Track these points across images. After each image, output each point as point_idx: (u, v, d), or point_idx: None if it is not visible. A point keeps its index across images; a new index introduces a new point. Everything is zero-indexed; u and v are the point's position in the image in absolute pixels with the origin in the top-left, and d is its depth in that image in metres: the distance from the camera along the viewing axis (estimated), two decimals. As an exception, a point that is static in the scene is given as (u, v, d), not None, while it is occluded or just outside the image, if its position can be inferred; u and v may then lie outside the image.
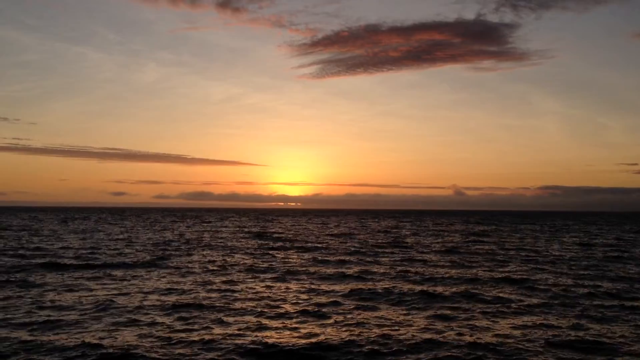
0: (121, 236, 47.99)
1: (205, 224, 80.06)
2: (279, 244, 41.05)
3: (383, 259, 29.71)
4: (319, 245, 39.76)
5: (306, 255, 31.65)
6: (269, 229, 67.48)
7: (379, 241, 44.06)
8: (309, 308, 15.79)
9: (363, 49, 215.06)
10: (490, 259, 30.05)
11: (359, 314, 15.14)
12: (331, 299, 17.26)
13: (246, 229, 64.89)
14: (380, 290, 18.76)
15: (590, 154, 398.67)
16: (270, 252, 33.85)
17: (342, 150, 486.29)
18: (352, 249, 36.52)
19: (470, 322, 14.17)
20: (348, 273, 23.36)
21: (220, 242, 41.60)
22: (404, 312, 15.61)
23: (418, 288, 19.32)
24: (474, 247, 38.21)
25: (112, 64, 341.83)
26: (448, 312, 15.47)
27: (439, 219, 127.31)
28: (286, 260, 29.16)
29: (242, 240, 45.28)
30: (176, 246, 37.22)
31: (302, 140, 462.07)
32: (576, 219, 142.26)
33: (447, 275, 23.01)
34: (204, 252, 32.99)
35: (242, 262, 27.58)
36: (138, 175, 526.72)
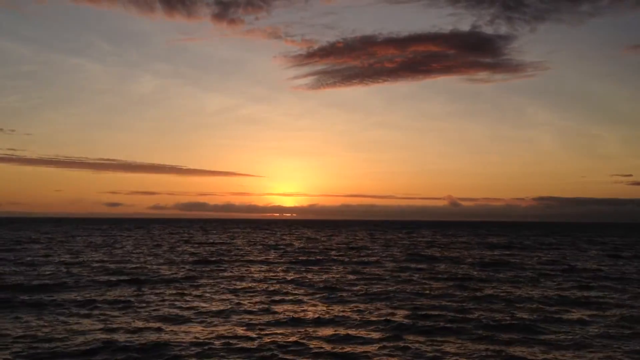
0: (160, 249, 47.56)
1: (220, 236, 79.60)
2: (307, 257, 40.85)
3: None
4: (346, 257, 39.60)
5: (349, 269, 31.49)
6: (286, 241, 67.19)
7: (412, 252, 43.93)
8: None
9: (359, 60, 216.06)
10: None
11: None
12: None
13: (269, 242, 64.54)
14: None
15: (584, 165, 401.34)
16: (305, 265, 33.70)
17: (337, 161, 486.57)
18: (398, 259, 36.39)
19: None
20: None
21: (259, 257, 41.35)
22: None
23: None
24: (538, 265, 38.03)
25: (108, 75, 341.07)
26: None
27: (445, 231, 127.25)
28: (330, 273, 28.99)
29: (272, 253, 45.08)
30: (217, 258, 36.97)
31: (297, 151, 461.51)
32: (578, 230, 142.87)
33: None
34: (251, 267, 32.77)
35: (282, 277, 27.44)
36: (133, 186, 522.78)
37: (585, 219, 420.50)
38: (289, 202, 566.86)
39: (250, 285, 24.63)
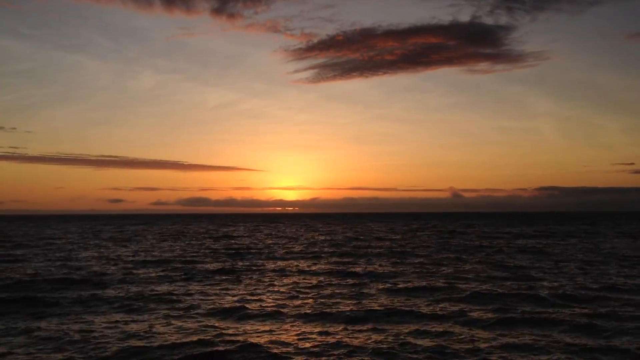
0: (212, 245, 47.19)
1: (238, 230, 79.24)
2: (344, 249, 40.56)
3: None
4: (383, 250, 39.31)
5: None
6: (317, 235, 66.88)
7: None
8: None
9: (358, 53, 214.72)
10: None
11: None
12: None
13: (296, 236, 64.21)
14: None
15: (586, 155, 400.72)
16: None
17: (338, 154, 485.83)
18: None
19: None
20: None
21: (296, 252, 41.05)
22: None
23: None
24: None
25: (107, 71, 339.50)
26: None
27: (459, 222, 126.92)
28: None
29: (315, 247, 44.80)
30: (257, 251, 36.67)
31: (298, 144, 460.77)
32: (584, 218, 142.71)
33: None
34: (297, 261, 32.49)
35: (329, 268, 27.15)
36: (135, 182, 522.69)
37: (588, 208, 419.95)
38: (290, 195, 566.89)
39: (323, 279, 24.31)
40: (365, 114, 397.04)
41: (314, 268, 27.69)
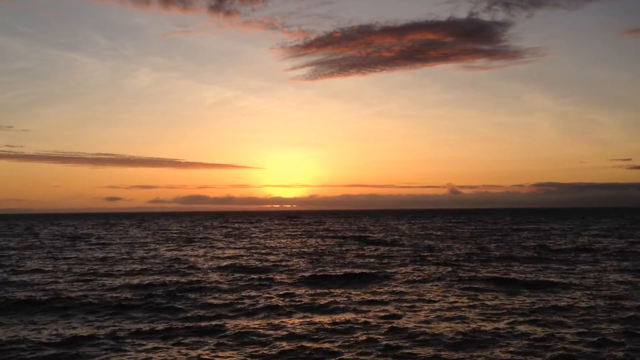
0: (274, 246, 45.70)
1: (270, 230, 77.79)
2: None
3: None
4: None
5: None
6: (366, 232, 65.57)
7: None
8: None
9: (356, 49, 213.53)
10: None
11: None
12: None
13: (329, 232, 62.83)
14: None
15: (583, 151, 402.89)
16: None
17: (336, 151, 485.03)
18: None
19: None
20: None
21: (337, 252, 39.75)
22: None
23: None
24: None
25: (104, 69, 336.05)
26: None
27: (473, 219, 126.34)
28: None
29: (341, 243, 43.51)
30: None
31: (296, 142, 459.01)
32: (586, 214, 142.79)
33: None
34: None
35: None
36: (132, 181, 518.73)
37: (586, 204, 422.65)
38: (289, 193, 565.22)
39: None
40: (363, 110, 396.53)
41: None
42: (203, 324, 14.06)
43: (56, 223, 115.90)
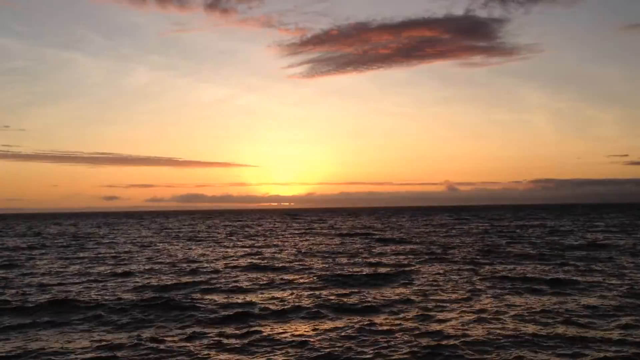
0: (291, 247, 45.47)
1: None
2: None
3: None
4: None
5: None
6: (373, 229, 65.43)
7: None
8: None
9: (353, 47, 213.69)
10: None
11: None
12: None
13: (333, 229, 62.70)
14: None
15: (580, 147, 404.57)
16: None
17: (334, 149, 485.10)
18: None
19: None
20: None
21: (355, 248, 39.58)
22: None
23: None
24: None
25: (101, 68, 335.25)
26: None
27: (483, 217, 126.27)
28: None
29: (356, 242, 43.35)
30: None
31: (293, 139, 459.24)
32: (587, 210, 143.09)
33: None
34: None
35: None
36: (130, 179, 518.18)
37: (583, 200, 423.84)
38: (286, 191, 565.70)
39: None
40: (360, 108, 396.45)
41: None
42: (234, 326, 13.86)
43: (57, 222, 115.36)
